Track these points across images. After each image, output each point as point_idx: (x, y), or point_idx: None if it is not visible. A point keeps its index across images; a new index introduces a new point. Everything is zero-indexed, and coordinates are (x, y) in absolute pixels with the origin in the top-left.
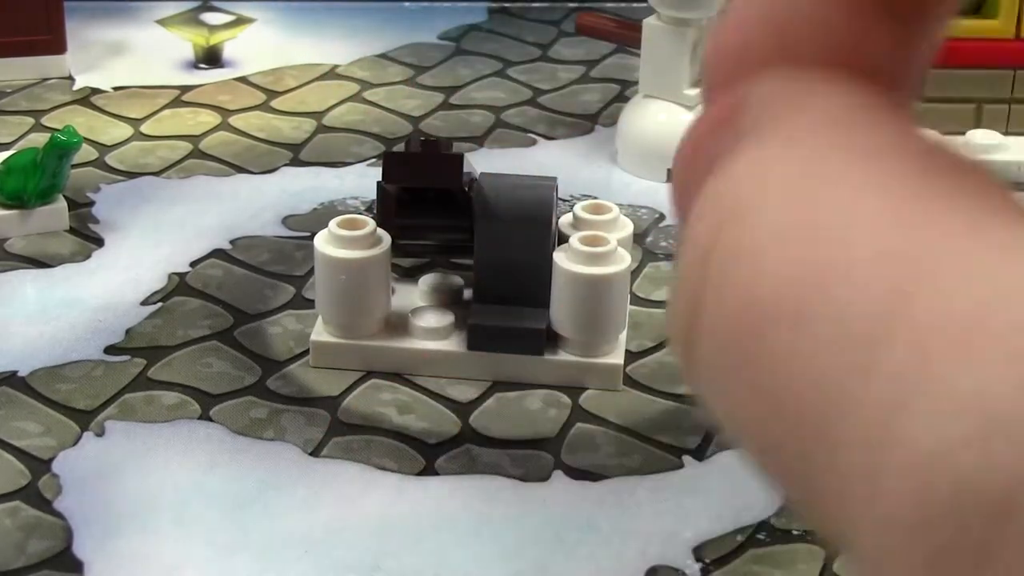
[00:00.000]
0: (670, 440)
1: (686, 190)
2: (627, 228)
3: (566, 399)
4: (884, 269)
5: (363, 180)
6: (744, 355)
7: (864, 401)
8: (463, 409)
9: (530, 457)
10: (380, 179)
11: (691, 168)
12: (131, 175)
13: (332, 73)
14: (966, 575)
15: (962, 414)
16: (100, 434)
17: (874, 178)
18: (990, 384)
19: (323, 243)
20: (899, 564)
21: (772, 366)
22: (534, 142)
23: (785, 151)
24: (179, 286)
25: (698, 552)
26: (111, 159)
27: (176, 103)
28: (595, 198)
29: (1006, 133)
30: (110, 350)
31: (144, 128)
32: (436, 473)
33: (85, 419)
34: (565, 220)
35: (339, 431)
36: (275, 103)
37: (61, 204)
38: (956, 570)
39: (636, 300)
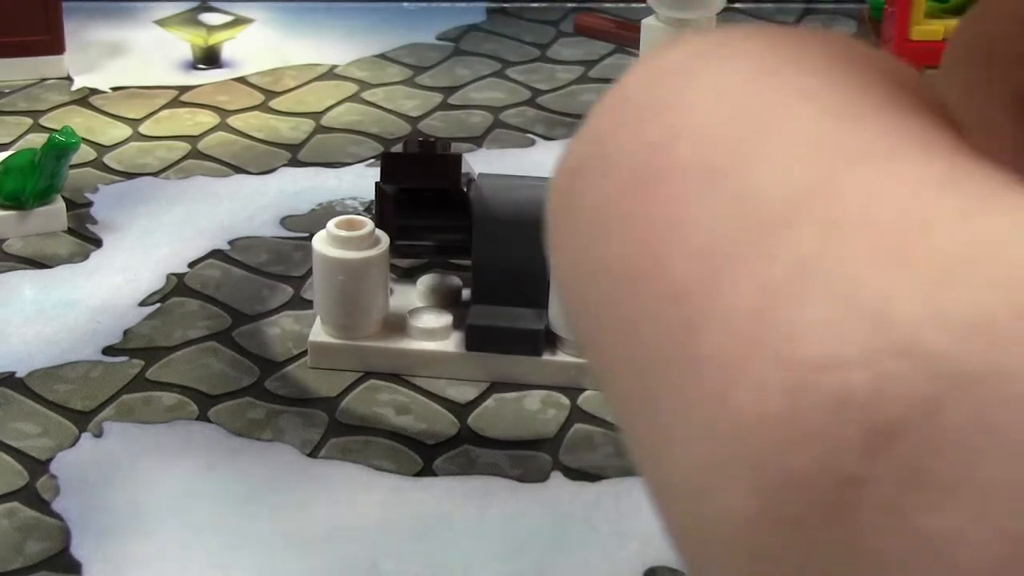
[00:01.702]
0: None
1: None
2: None
3: (564, 399)
4: (816, 152)
5: (361, 180)
6: (636, 202)
7: (754, 280)
8: (461, 410)
9: (528, 457)
10: (379, 180)
11: None
12: (129, 176)
13: (331, 73)
14: (822, 508)
15: (864, 325)
16: (98, 435)
17: (833, 77)
18: (906, 302)
19: (321, 244)
20: (732, 488)
21: (662, 218)
22: (533, 142)
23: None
24: (177, 287)
25: None
26: (109, 159)
27: (174, 103)
28: None
29: None
30: (108, 351)
31: (142, 128)
32: (434, 474)
33: (83, 420)
34: None
35: (337, 432)
36: (273, 103)
37: (59, 205)
38: (810, 501)
39: None
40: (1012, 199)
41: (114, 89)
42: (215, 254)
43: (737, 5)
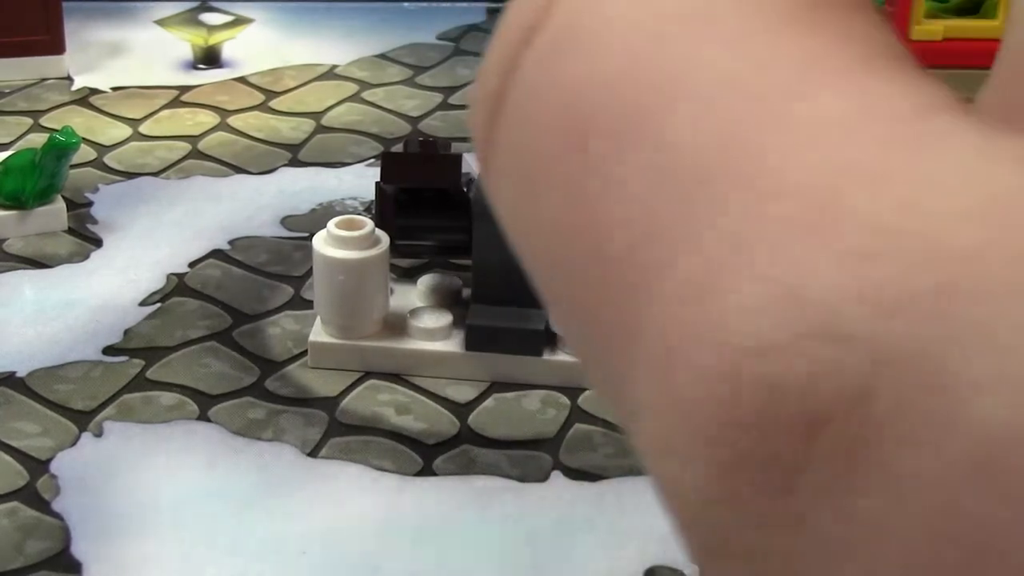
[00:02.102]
0: None
1: None
2: None
3: (564, 399)
4: (737, 103)
5: (362, 180)
6: (554, 167)
7: (684, 258)
8: (461, 409)
9: (529, 457)
10: (379, 179)
11: None
12: (130, 175)
13: (331, 73)
14: (765, 489)
15: (786, 306)
16: (98, 435)
17: None
18: (824, 278)
19: (322, 244)
20: (686, 463)
21: (585, 187)
22: None
23: None
24: (178, 286)
25: None
26: (110, 159)
27: (175, 103)
28: None
29: None
30: (108, 351)
31: (143, 128)
32: (434, 473)
33: (83, 420)
34: None
35: (337, 432)
36: (274, 103)
37: (59, 204)
38: (755, 483)
39: None
40: (931, 133)
41: (114, 89)
42: (215, 254)
43: None
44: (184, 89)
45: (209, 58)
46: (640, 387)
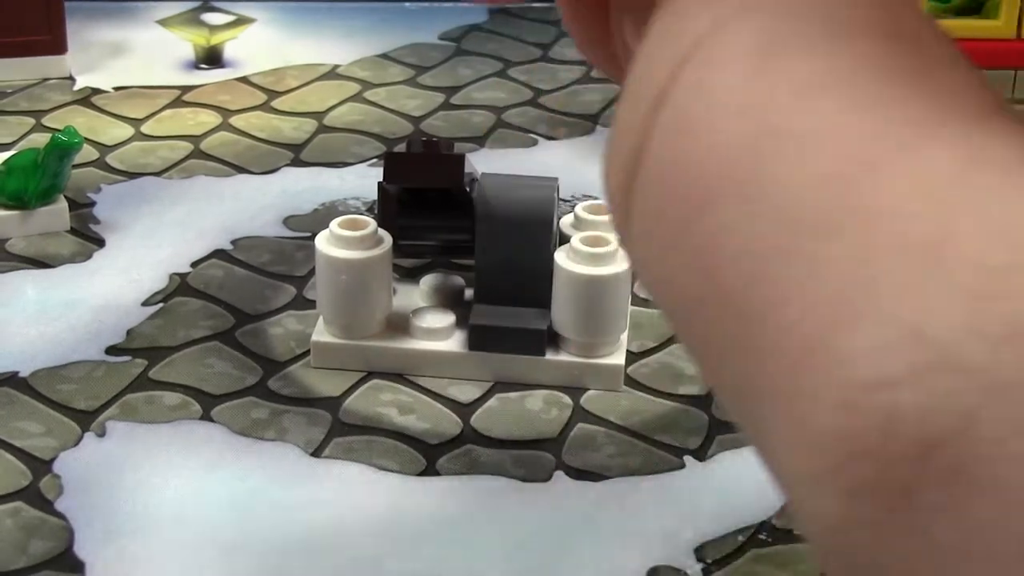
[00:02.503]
0: (671, 440)
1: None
2: None
3: (567, 399)
4: (854, 155)
5: (364, 180)
6: (682, 224)
7: (804, 297)
8: (464, 409)
9: (531, 457)
10: (381, 179)
11: None
12: (132, 175)
13: (333, 73)
14: (888, 509)
15: (907, 343)
16: (101, 435)
17: (837, 56)
18: (944, 317)
19: (324, 243)
20: (819, 493)
21: (710, 241)
22: (535, 142)
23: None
24: (180, 286)
25: (699, 552)
26: (112, 159)
27: (177, 103)
28: (596, 198)
29: None
30: (111, 350)
31: (145, 128)
32: (437, 473)
33: (86, 420)
34: (566, 220)
35: (340, 432)
36: (276, 103)
37: (62, 204)
38: (879, 505)
39: (637, 300)
40: None
41: (116, 89)
42: (218, 254)
43: None
44: (186, 89)
45: (211, 58)
46: (773, 426)
